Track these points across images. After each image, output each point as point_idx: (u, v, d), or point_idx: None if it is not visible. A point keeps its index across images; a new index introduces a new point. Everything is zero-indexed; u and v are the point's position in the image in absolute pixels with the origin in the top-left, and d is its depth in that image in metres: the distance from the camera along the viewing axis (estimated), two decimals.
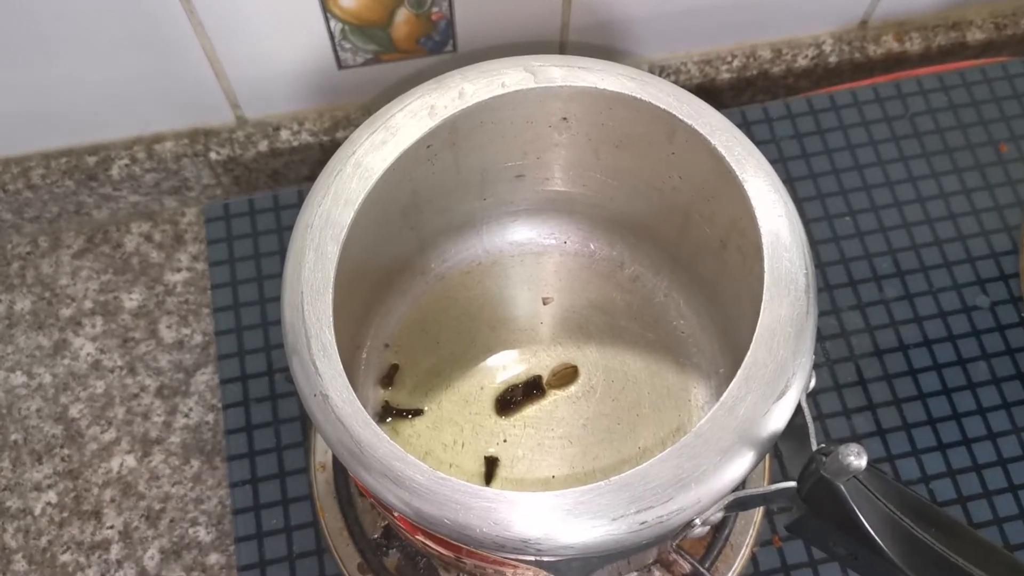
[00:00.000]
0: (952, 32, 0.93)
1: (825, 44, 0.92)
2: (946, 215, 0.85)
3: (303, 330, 0.52)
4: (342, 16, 0.77)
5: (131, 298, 0.86)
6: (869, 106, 0.89)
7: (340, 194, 0.56)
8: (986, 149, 0.88)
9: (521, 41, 0.84)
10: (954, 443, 0.77)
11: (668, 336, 0.72)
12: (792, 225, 0.55)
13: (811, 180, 0.86)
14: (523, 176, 0.68)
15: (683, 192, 0.63)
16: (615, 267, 0.74)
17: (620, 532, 0.48)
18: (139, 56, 0.77)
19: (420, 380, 0.71)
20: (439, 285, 0.73)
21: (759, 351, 0.51)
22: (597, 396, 0.70)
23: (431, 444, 0.68)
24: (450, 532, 0.49)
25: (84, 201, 0.87)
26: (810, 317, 0.53)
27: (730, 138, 0.57)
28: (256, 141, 0.87)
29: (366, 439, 0.50)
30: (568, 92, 0.59)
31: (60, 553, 0.77)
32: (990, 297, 0.82)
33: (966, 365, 0.80)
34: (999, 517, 0.75)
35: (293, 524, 0.75)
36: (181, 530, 0.78)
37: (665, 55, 0.91)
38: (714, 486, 0.49)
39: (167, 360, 0.84)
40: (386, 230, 0.65)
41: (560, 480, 0.67)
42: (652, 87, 0.58)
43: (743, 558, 0.72)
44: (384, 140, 0.57)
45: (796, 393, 0.51)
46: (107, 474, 0.80)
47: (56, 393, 0.83)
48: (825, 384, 0.79)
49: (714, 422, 0.50)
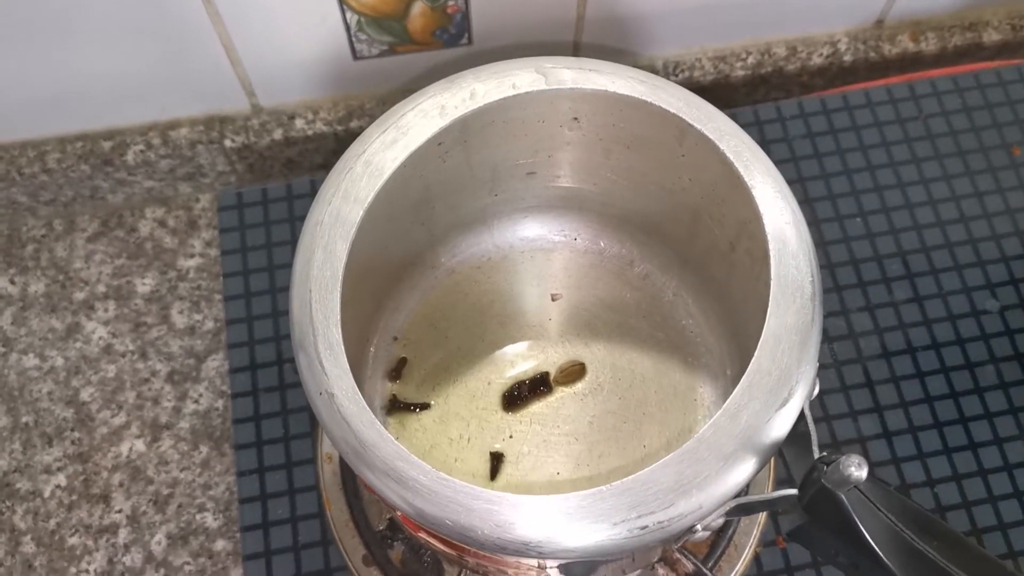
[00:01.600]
0: (968, 33, 0.93)
1: (840, 43, 0.92)
2: (957, 218, 0.85)
3: (311, 328, 0.53)
4: (358, 8, 0.77)
5: (144, 283, 0.87)
6: (882, 107, 0.89)
7: (350, 192, 0.56)
8: (999, 152, 0.87)
9: (536, 35, 0.84)
10: (960, 447, 0.77)
11: (676, 335, 0.72)
12: (799, 232, 0.55)
13: (823, 180, 0.86)
14: (534, 173, 0.68)
15: (693, 194, 0.64)
16: (625, 265, 0.74)
17: (621, 536, 0.48)
18: (155, 43, 0.77)
19: (428, 374, 0.71)
20: (449, 280, 0.73)
21: (763, 358, 0.51)
22: (604, 394, 0.70)
23: (437, 438, 0.69)
24: (452, 533, 0.49)
25: (99, 185, 0.87)
26: (815, 325, 0.53)
27: (739, 143, 0.57)
28: (271, 129, 0.87)
29: (370, 438, 0.50)
30: (579, 94, 0.59)
31: (68, 536, 0.78)
32: (1000, 301, 0.82)
33: (974, 369, 0.80)
34: (1004, 523, 0.75)
35: (299, 514, 0.75)
36: (189, 516, 0.79)
37: (679, 51, 0.90)
38: (715, 492, 0.49)
39: (178, 346, 0.84)
40: (397, 225, 0.65)
41: (565, 477, 0.67)
42: (662, 91, 0.58)
43: (746, 559, 0.72)
44: (395, 139, 0.57)
45: (799, 401, 0.51)
46: (116, 458, 0.80)
47: (68, 376, 0.83)
48: (832, 385, 0.79)
49: (717, 428, 0.50)
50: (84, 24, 0.74)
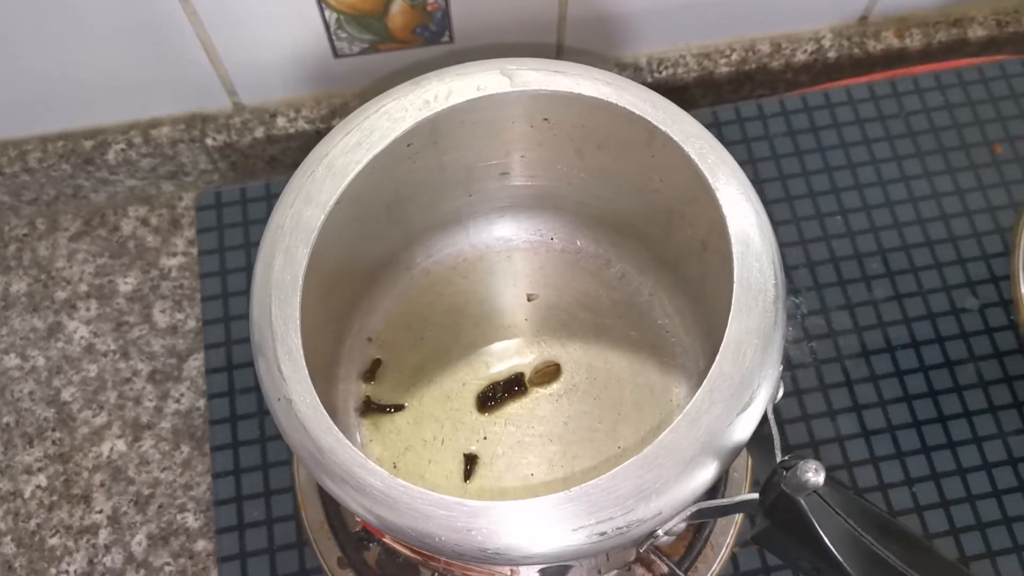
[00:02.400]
0: (953, 29, 0.92)
1: (825, 39, 0.91)
2: (938, 216, 0.84)
3: (270, 333, 0.52)
4: (337, 6, 0.77)
5: (126, 282, 0.87)
6: (864, 104, 0.89)
7: (312, 196, 0.56)
8: (981, 149, 0.87)
9: (519, 32, 0.84)
10: (939, 446, 0.77)
11: (652, 335, 0.72)
12: (763, 235, 0.54)
13: (803, 178, 0.86)
14: (508, 173, 0.68)
15: (664, 194, 0.63)
16: (601, 265, 0.73)
17: (580, 542, 0.48)
18: (134, 42, 0.77)
19: (402, 375, 0.71)
20: (424, 280, 0.73)
21: (725, 362, 0.51)
22: (579, 394, 0.70)
23: (411, 440, 0.69)
24: (411, 539, 0.49)
25: (81, 184, 0.87)
26: (777, 329, 0.52)
27: (704, 145, 0.57)
28: (252, 127, 0.87)
29: (328, 445, 0.50)
30: (546, 95, 0.59)
31: (49, 536, 0.78)
32: (979, 299, 0.81)
33: (953, 368, 0.79)
34: (982, 522, 0.75)
35: (275, 516, 0.75)
36: (169, 516, 0.79)
37: (663, 48, 0.90)
38: (676, 498, 0.49)
39: (160, 345, 0.84)
40: (369, 227, 0.65)
41: (539, 479, 0.67)
42: (628, 92, 0.58)
43: (723, 559, 0.72)
44: (359, 142, 0.57)
45: (761, 404, 0.51)
46: (97, 458, 0.80)
47: (49, 376, 0.83)
48: (811, 384, 0.79)
49: (677, 433, 0.50)
50: (63, 24, 0.74)
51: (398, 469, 0.68)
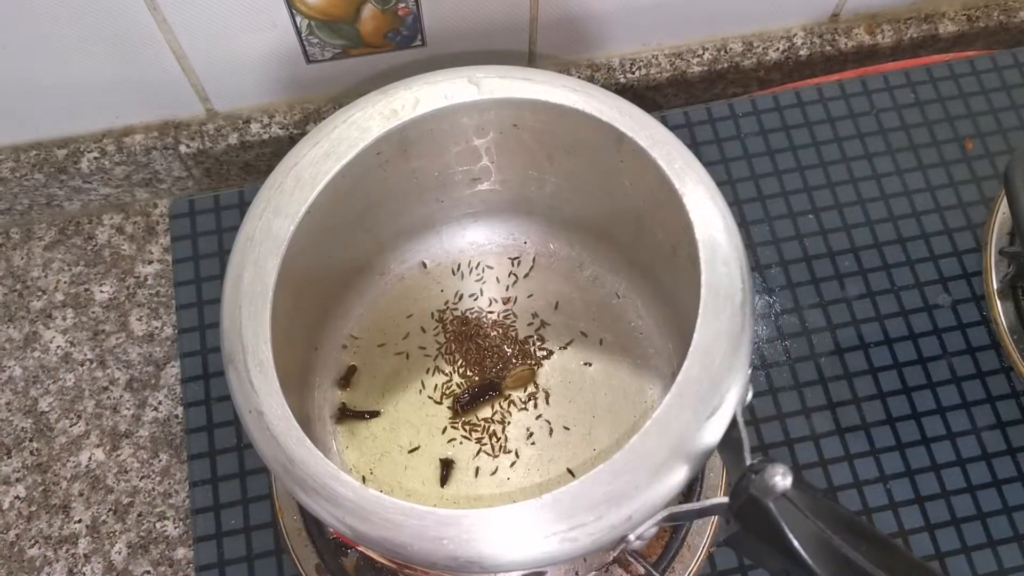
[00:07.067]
0: (924, 25, 0.93)
1: (796, 37, 0.91)
2: (910, 212, 0.85)
3: (240, 345, 0.53)
4: (307, 12, 0.77)
5: (102, 290, 0.86)
6: (835, 102, 0.89)
7: (280, 208, 0.56)
8: (951, 146, 0.87)
9: (491, 34, 0.84)
10: (913, 442, 0.77)
11: (625, 337, 0.72)
12: (731, 239, 0.55)
13: (775, 177, 0.86)
14: (479, 179, 0.68)
15: (634, 198, 0.64)
16: (575, 267, 0.74)
17: (551, 549, 0.49)
18: (105, 51, 0.77)
19: (378, 381, 0.71)
20: (398, 286, 0.73)
21: (693, 368, 0.51)
22: (554, 398, 0.70)
23: (387, 446, 0.69)
24: (383, 549, 0.49)
25: (55, 193, 0.87)
26: (745, 333, 0.53)
27: (671, 151, 0.57)
28: (226, 134, 0.87)
29: (299, 456, 0.50)
30: (514, 102, 0.59)
31: (28, 547, 0.78)
32: (952, 296, 0.82)
33: (927, 364, 0.80)
34: (956, 518, 0.75)
35: (252, 524, 0.75)
36: (149, 524, 0.79)
37: (635, 48, 0.90)
38: (646, 503, 0.50)
39: (137, 353, 0.84)
40: (340, 236, 0.65)
41: (515, 483, 0.68)
42: (595, 99, 0.58)
43: (700, 558, 0.72)
44: (327, 152, 0.57)
45: (731, 408, 0.51)
46: (76, 468, 0.80)
47: (26, 386, 0.83)
48: (786, 383, 0.79)
49: (647, 438, 0.50)
50: (34, 33, 0.74)
51: (374, 476, 0.68)
